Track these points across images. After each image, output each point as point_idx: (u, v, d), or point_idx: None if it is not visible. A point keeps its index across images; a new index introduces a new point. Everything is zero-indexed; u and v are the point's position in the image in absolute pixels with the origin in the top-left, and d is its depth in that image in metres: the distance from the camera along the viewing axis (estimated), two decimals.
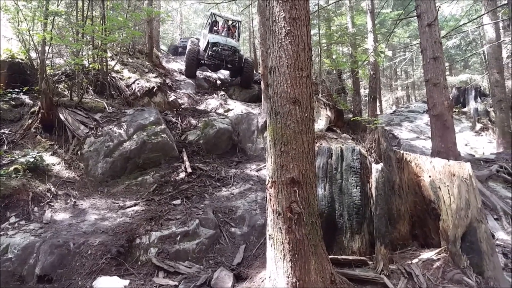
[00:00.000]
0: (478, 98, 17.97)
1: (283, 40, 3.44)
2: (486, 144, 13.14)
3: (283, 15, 3.43)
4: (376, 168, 4.09)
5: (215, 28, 14.42)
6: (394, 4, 18.93)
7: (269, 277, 3.38)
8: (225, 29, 14.47)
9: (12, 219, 5.18)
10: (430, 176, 4.34)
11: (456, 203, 4.01)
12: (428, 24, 6.88)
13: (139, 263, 4.56)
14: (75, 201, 5.83)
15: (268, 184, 3.44)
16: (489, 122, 16.71)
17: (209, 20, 14.57)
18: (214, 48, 12.87)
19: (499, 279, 3.68)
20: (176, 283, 4.21)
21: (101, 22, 9.20)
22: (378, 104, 18.05)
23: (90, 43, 9.07)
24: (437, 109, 6.71)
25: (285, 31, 3.44)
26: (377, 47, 12.04)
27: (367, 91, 20.80)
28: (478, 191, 4.23)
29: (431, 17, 6.93)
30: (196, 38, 15.38)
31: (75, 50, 7.90)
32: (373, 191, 4.09)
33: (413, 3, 7.86)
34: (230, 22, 14.74)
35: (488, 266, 3.70)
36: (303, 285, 3.21)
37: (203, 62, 13.57)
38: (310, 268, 3.28)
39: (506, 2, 12.10)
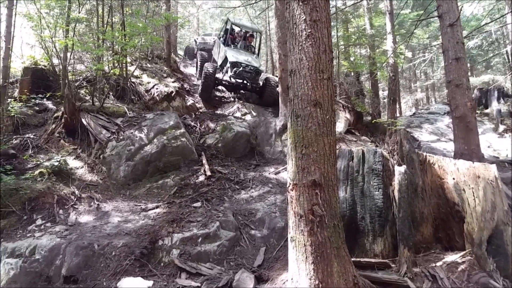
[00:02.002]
0: (501, 99, 17.52)
1: (304, 42, 3.45)
2: (510, 146, 12.79)
3: (304, 17, 3.44)
4: (399, 170, 4.05)
5: (231, 36, 12.72)
6: (414, 4, 18.66)
7: (291, 279, 3.37)
8: (242, 39, 12.68)
9: (39, 221, 5.34)
10: (454, 178, 4.26)
11: (481, 206, 3.92)
12: (450, 24, 6.77)
13: (162, 264, 4.62)
14: (98, 204, 5.96)
15: (289, 186, 3.44)
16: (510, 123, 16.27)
17: (225, 27, 13.05)
18: (235, 69, 11.07)
19: None
20: (199, 284, 4.25)
21: (121, 28, 9.42)
22: (397, 106, 17.79)
23: (110, 49, 9.29)
24: (459, 111, 6.58)
25: (305, 34, 3.45)
26: (396, 49, 11.90)
27: (385, 93, 20.56)
28: (504, 193, 4.14)
29: (453, 17, 6.80)
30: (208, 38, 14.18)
31: (96, 56, 8.09)
32: (396, 193, 4.05)
33: (433, 3, 7.74)
34: (249, 33, 12.89)
35: None
36: (325, 287, 3.19)
37: (220, 83, 11.83)
38: (333, 270, 3.26)
39: None
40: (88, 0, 9.48)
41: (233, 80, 11.27)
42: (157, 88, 10.29)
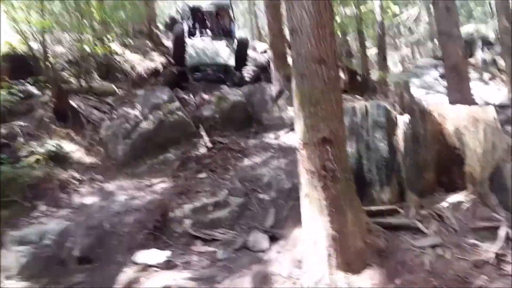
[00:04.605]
0: (485, 48, 17.69)
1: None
2: (496, 92, 13.06)
3: None
4: (403, 120, 4.13)
5: (197, 22, 10.60)
6: None
7: (308, 233, 3.48)
8: (210, 21, 10.56)
9: (43, 208, 5.26)
10: (453, 124, 4.36)
11: (482, 146, 4.07)
12: None
13: (176, 235, 4.70)
14: (101, 185, 5.93)
15: (299, 146, 3.48)
16: (497, 70, 16.51)
17: (186, 16, 10.64)
18: (195, 74, 9.51)
19: None
20: (215, 249, 4.36)
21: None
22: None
23: (90, 26, 8.91)
24: (451, 60, 6.65)
25: None
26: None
27: (373, 50, 20.45)
28: (502, 133, 4.29)
29: None
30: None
31: (78, 34, 7.79)
32: (401, 143, 4.15)
33: None
34: (214, 10, 10.63)
35: None
36: (341, 236, 3.32)
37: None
38: (347, 220, 3.39)
39: None
40: None
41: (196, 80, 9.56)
42: (143, 64, 10.06)
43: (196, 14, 10.69)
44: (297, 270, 3.60)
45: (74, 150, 6.57)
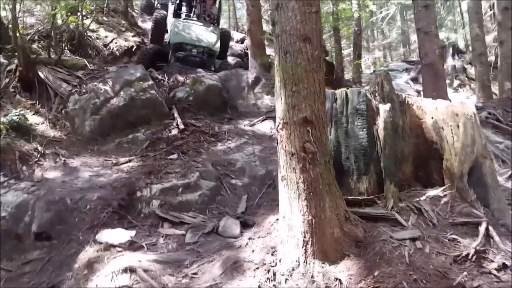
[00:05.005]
0: (456, 55, 18.28)
1: None
2: (465, 100, 13.48)
3: None
4: (384, 108, 4.07)
5: (185, 2, 10.29)
6: None
7: (283, 217, 3.35)
8: (198, 6, 10.20)
9: (1, 178, 4.90)
10: (432, 118, 4.35)
11: (461, 140, 4.07)
12: None
13: (142, 215, 4.47)
14: (64, 160, 5.58)
15: (279, 126, 3.34)
16: (466, 78, 17.11)
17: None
18: (178, 53, 9.07)
19: (504, 211, 3.83)
20: (183, 232, 4.16)
21: None
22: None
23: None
24: (429, 58, 6.74)
25: None
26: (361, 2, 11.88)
27: (346, 51, 20.72)
28: (482, 129, 4.33)
29: None
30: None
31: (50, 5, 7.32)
32: (380, 132, 4.09)
33: None
34: None
35: (493, 199, 3.84)
36: (319, 222, 3.19)
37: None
38: (325, 206, 3.26)
39: None
40: None
41: (178, 60, 9.11)
42: (116, 43, 9.61)
43: None
44: (271, 257, 3.46)
45: (38, 122, 6.17)
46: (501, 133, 6.73)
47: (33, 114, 6.22)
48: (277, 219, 3.73)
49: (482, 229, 3.41)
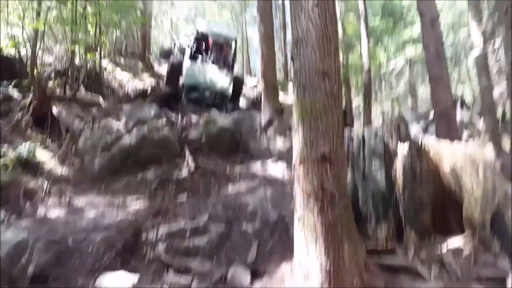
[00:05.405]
0: (464, 108, 18.41)
1: (311, 11, 3.28)
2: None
3: None
4: (403, 152, 3.92)
5: (202, 47, 10.54)
6: (383, 12, 19.17)
7: (299, 263, 3.11)
8: (215, 50, 10.48)
9: (1, 214, 4.74)
10: (450, 164, 4.18)
11: (482, 187, 3.86)
12: (431, 19, 6.91)
13: (146, 260, 4.18)
14: (70, 198, 5.43)
15: (296, 162, 3.21)
16: (474, 130, 17.05)
17: (192, 39, 10.74)
18: (191, 94, 9.19)
19: None
20: (189, 282, 3.87)
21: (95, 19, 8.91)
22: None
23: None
24: (441, 105, 6.66)
25: (312, 3, 3.28)
26: (371, 53, 12.17)
27: (355, 103, 21.00)
28: (501, 176, 4.12)
29: (433, 13, 6.99)
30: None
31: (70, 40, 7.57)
32: (399, 176, 3.91)
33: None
34: (221, 42, 10.78)
35: None
36: (337, 270, 2.96)
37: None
38: (344, 252, 3.05)
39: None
40: None
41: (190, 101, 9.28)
42: (131, 84, 9.82)
43: (202, 40, 10.76)
44: None
45: (47, 158, 6.11)
46: None
47: (43, 148, 6.19)
48: (291, 269, 3.46)
49: (509, 283, 3.18)
